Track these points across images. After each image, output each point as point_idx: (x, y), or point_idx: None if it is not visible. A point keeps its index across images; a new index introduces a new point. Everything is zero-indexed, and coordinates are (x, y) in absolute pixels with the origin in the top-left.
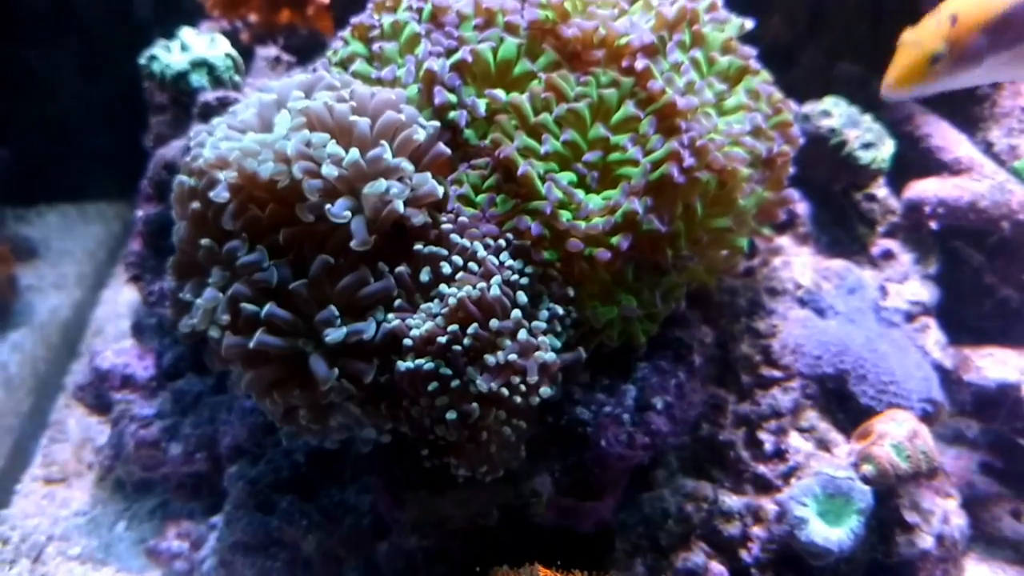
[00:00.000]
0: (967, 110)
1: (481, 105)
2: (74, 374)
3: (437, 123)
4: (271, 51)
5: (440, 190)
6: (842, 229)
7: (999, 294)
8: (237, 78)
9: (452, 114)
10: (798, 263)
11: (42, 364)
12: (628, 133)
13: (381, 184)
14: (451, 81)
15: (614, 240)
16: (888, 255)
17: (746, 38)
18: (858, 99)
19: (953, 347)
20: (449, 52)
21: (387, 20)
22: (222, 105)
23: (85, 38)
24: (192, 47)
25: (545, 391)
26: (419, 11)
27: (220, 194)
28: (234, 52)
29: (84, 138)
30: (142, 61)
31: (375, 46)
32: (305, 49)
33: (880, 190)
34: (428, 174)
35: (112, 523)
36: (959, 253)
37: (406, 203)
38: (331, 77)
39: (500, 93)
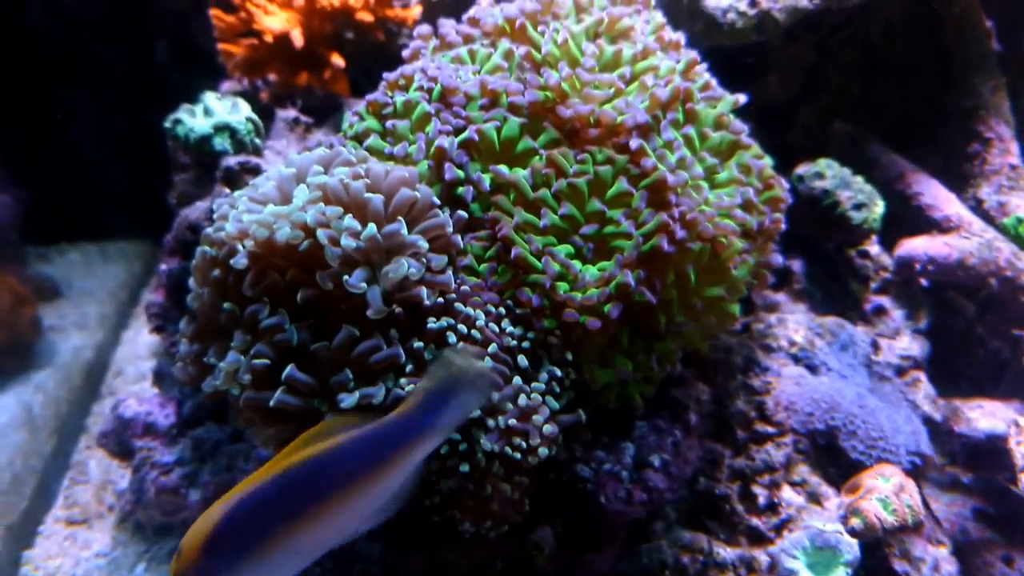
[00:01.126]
0: (959, 166)
1: (486, 180)
2: (95, 415)
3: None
4: (290, 113)
5: (453, 281)
6: (836, 285)
7: (990, 345)
8: (258, 141)
9: (460, 190)
10: (792, 320)
11: (64, 405)
12: (622, 208)
13: (402, 267)
14: (459, 158)
15: (606, 308)
16: (880, 310)
17: (744, 88)
18: (852, 157)
19: (944, 399)
20: (457, 131)
21: (400, 99)
22: (244, 170)
23: (108, 79)
24: (215, 111)
25: (543, 452)
26: (429, 91)
27: (239, 261)
28: (255, 116)
29: (105, 177)
30: (167, 124)
31: (388, 123)
32: (322, 110)
33: (873, 247)
34: (444, 258)
35: (132, 564)
36: (952, 303)
37: (420, 280)
38: (348, 152)
39: (504, 169)
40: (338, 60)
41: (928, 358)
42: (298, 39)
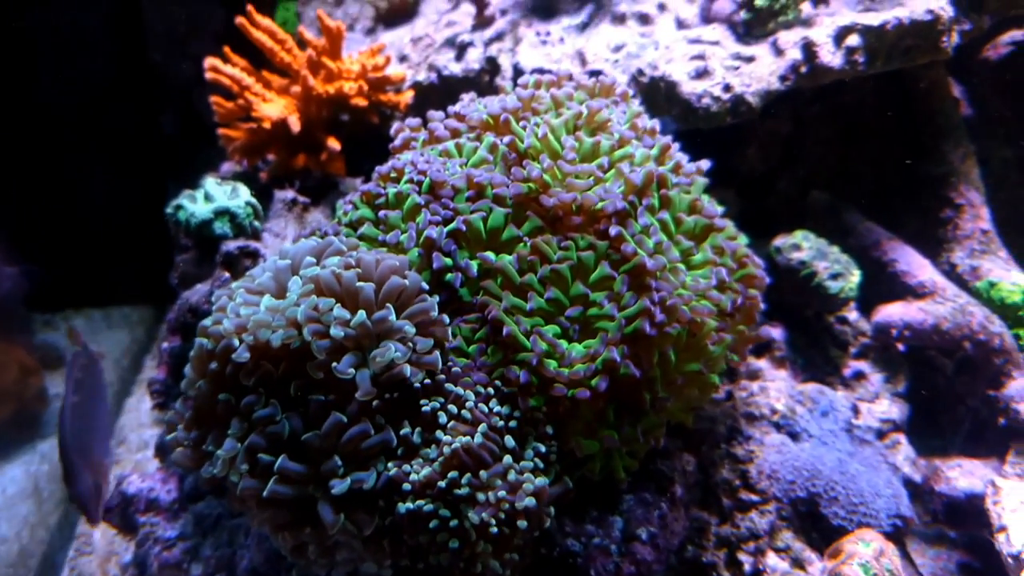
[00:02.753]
0: (933, 231)
1: (474, 267)
2: None
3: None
4: (288, 194)
5: (440, 362)
6: (816, 351)
7: (970, 403)
8: (257, 224)
9: (449, 276)
10: (774, 388)
11: None
12: (604, 291)
13: (390, 351)
14: (447, 247)
15: (594, 382)
16: (860, 375)
17: (725, 169)
18: (830, 225)
19: (924, 458)
20: (446, 221)
21: (391, 191)
22: (243, 254)
23: (116, 149)
24: (215, 197)
25: (522, 524)
26: (419, 183)
27: (242, 355)
28: (253, 200)
29: (111, 244)
30: (168, 210)
31: (381, 213)
32: (319, 190)
33: (851, 313)
34: (431, 341)
35: None
36: (932, 361)
37: (408, 362)
38: (339, 242)
39: (491, 255)
40: (334, 144)
41: (908, 420)
42: (295, 125)
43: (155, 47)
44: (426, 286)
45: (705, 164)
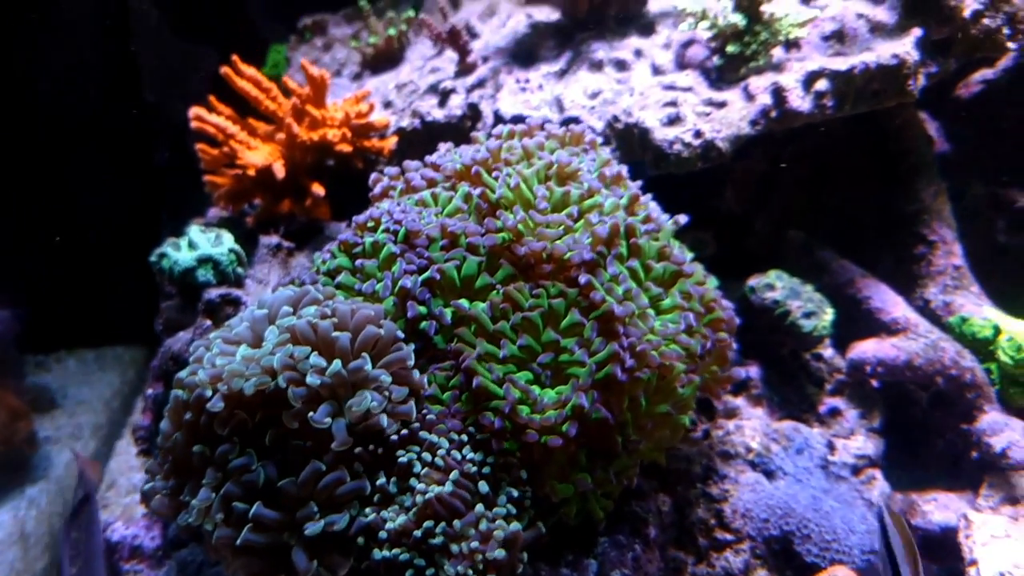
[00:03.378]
0: (907, 268)
1: (448, 314)
2: None
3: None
4: (272, 239)
5: (414, 411)
6: (792, 388)
7: (945, 436)
8: (240, 270)
9: (423, 324)
10: (749, 427)
11: (57, 520)
12: (575, 337)
13: (366, 400)
14: (422, 295)
15: (564, 428)
16: (835, 412)
17: (703, 210)
18: (805, 263)
19: (901, 492)
20: (420, 270)
21: (368, 240)
22: (224, 302)
23: (107, 188)
24: (199, 244)
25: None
26: (395, 233)
27: (216, 404)
28: (237, 247)
29: (103, 284)
30: (152, 258)
31: (358, 262)
32: (304, 234)
33: (827, 350)
34: (406, 390)
35: None
36: (910, 394)
37: (384, 412)
38: (316, 291)
39: (464, 303)
40: (318, 190)
41: (883, 455)
42: (280, 171)
43: (149, 87)
44: (401, 334)
45: (683, 219)
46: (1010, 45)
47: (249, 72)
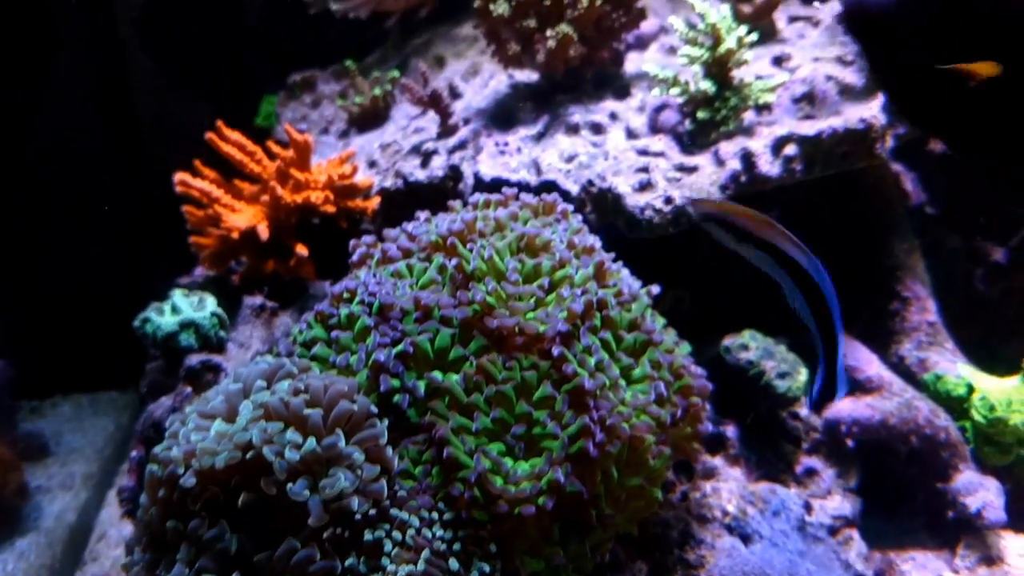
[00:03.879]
0: (882, 323)
1: (421, 387)
2: None
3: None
4: (256, 300)
5: (385, 490)
6: (769, 447)
7: (922, 494)
8: (222, 334)
9: (396, 398)
10: (726, 489)
11: (46, 573)
12: (547, 410)
13: (339, 481)
14: (395, 368)
15: (540, 500)
16: (811, 472)
17: (682, 263)
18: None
19: (879, 551)
20: (394, 342)
21: (344, 312)
22: (204, 368)
23: (103, 233)
24: (181, 308)
25: None
26: (370, 305)
27: (187, 481)
28: (219, 311)
29: (98, 328)
30: (136, 323)
31: (333, 333)
32: (288, 294)
33: (803, 409)
34: (378, 468)
35: None
36: (891, 451)
37: (356, 491)
38: (291, 364)
39: (438, 375)
40: (302, 251)
41: (860, 514)
42: (264, 233)
43: (148, 140)
44: (375, 409)
45: (655, 289)
46: None
47: (234, 136)
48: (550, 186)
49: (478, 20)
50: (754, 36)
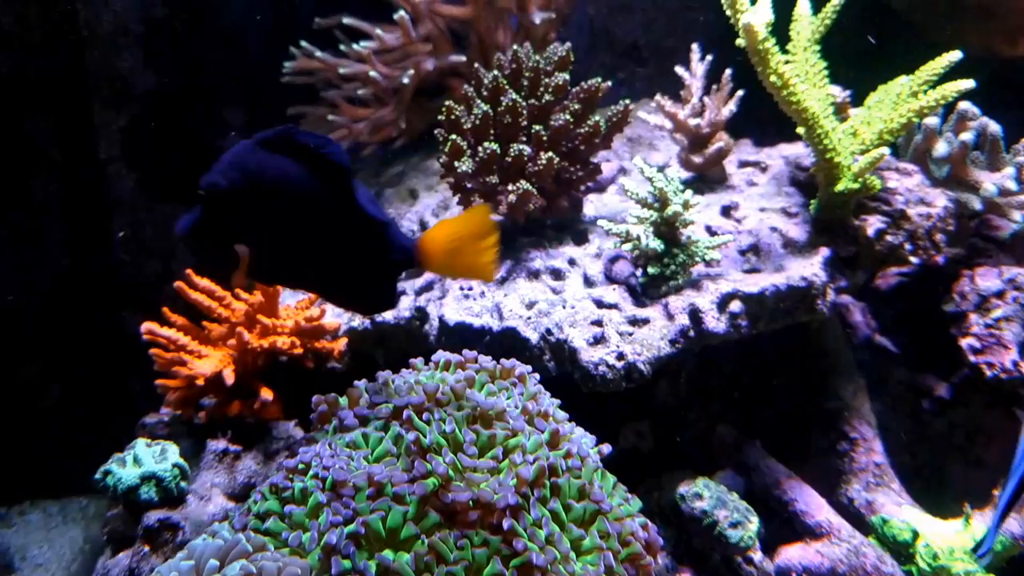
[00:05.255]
0: (832, 464)
1: (372, 568)
2: None
3: None
4: (220, 444)
5: None
6: None
7: None
8: (184, 484)
9: None
10: None
11: None
12: None
13: None
14: (346, 550)
15: None
16: None
17: (640, 400)
18: (734, 460)
19: None
20: (346, 521)
21: (298, 485)
22: (163, 527)
23: (72, 342)
24: (143, 460)
25: None
26: (323, 480)
27: None
28: (181, 461)
29: (66, 434)
30: (97, 476)
31: (287, 507)
32: (251, 436)
33: (756, 554)
34: None
35: None
36: None
37: None
38: (244, 543)
39: (389, 556)
40: (267, 394)
41: None
42: (229, 378)
43: (122, 248)
44: None
45: (606, 449)
46: (912, 260)
47: (202, 284)
48: (511, 333)
49: (444, 172)
50: (699, 199)
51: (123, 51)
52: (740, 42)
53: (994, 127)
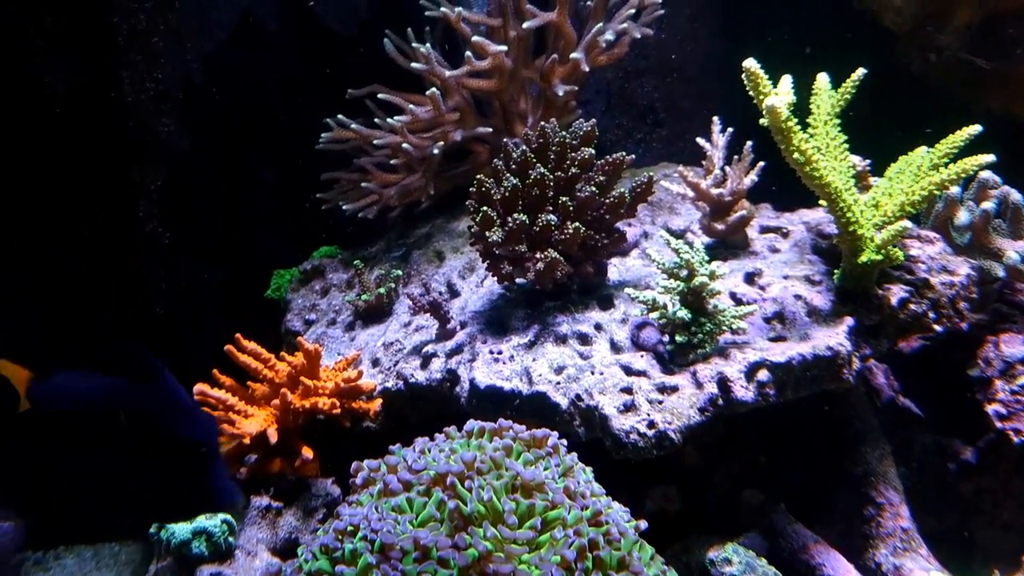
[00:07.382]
0: (858, 528)
1: None
2: None
3: None
4: (263, 500)
5: None
6: None
7: None
8: (231, 540)
9: None
10: None
11: None
12: None
13: None
14: None
15: None
16: None
17: (666, 465)
18: (761, 524)
19: None
20: None
21: (347, 547)
22: None
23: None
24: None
25: None
26: (372, 542)
27: None
28: (229, 517)
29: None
30: (151, 530)
31: (337, 568)
32: (292, 493)
33: None
34: None
35: None
36: None
37: None
38: None
39: None
40: (307, 453)
41: None
42: (273, 437)
43: (158, 300)
44: None
45: (643, 524)
46: (936, 328)
47: (250, 347)
48: (541, 397)
49: (474, 240)
50: (724, 268)
51: (163, 116)
52: (763, 122)
53: (1016, 196)
